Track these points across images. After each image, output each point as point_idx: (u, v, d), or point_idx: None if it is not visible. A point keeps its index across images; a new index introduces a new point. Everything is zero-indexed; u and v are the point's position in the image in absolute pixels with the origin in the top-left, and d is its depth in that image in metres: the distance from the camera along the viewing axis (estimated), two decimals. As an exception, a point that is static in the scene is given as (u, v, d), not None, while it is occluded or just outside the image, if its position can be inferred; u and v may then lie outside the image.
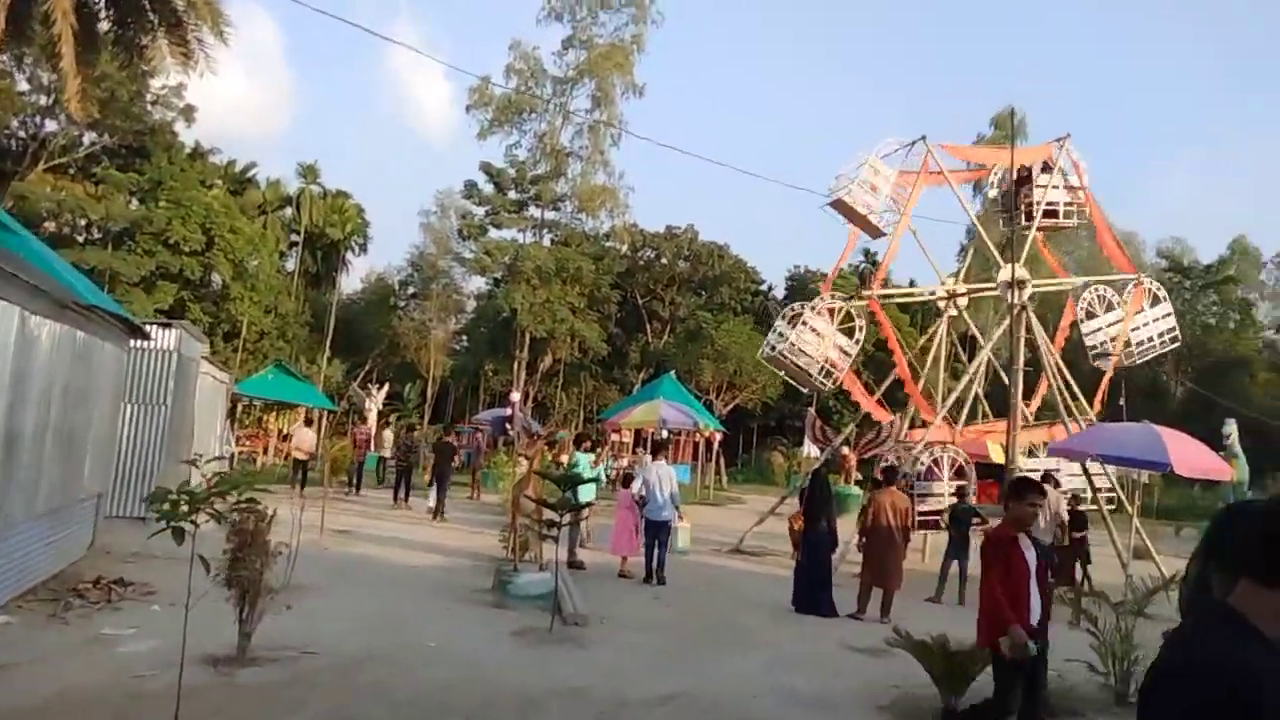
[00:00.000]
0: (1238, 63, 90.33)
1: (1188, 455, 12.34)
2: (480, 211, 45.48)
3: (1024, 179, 16.90)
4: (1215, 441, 23.81)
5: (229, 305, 37.35)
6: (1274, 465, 35.58)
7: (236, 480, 6.12)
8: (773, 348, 16.37)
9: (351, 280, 52.57)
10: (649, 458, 17.72)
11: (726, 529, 18.24)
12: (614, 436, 30.93)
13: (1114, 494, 16.01)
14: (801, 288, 51.58)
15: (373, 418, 32.12)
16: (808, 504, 11.27)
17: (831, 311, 16.37)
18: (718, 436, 31.41)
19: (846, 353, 16.31)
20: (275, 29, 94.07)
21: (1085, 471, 15.45)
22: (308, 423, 23.21)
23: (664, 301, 51.06)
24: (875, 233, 16.85)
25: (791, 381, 17.81)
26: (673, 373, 32.11)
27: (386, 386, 35.40)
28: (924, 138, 16.09)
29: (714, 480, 31.87)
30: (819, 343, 16.13)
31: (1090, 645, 7.98)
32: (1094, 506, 15.20)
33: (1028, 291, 15.45)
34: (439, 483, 18.35)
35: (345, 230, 46.01)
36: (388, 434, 21.76)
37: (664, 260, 51.51)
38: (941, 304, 17.55)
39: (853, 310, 16.65)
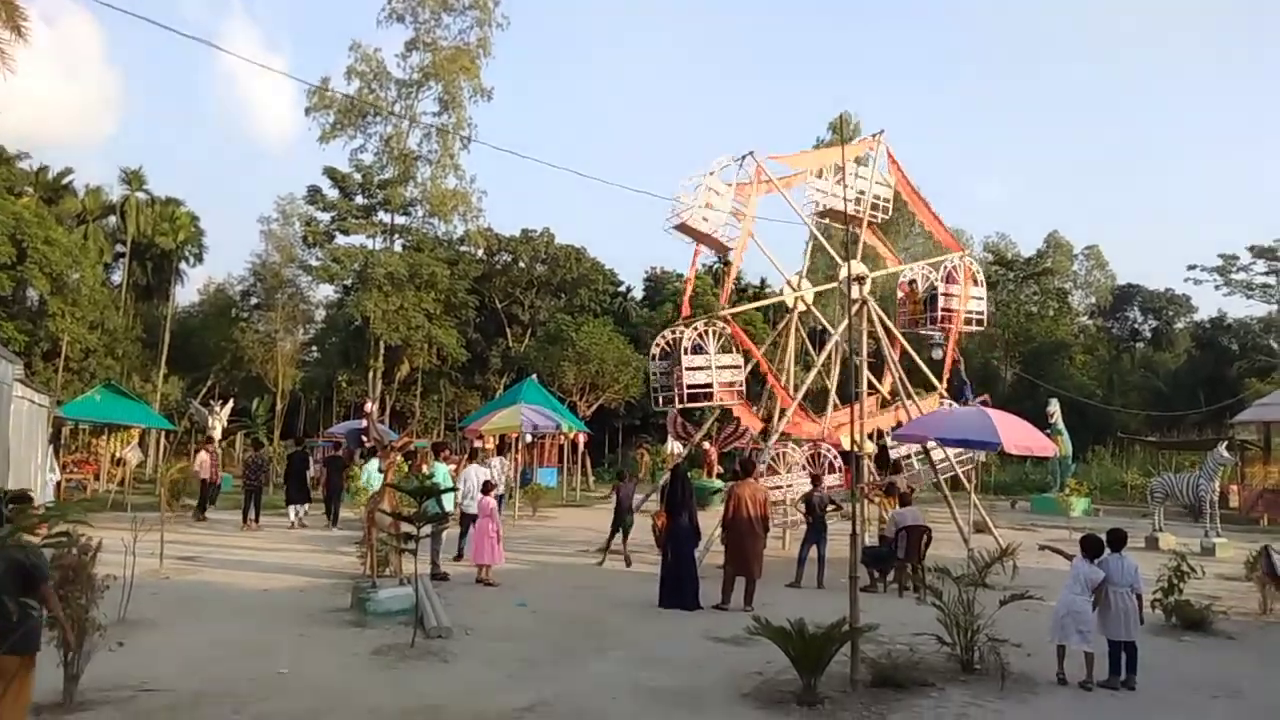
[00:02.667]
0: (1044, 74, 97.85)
1: (1016, 434, 13.22)
2: (325, 217, 43.78)
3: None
4: (1042, 421, 25.74)
5: (47, 322, 34.39)
6: (1094, 440, 38.74)
7: (64, 509, 5.60)
8: (663, 390, 16.35)
9: (187, 292, 49.61)
10: (495, 460, 17.62)
11: (593, 529, 18.23)
12: (478, 443, 30.42)
13: (953, 473, 16.95)
14: (659, 288, 52.32)
15: (217, 436, 30.33)
16: (669, 500, 11.39)
17: (702, 336, 16.39)
18: (583, 438, 31.40)
19: (735, 367, 16.45)
20: (93, 26, 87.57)
21: (927, 453, 16.35)
22: (207, 442, 21.60)
23: (523, 305, 50.64)
24: (723, 249, 17.34)
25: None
26: (534, 376, 31.88)
27: (231, 403, 33.47)
28: (751, 153, 16.38)
29: (580, 481, 31.85)
30: (705, 372, 16.21)
31: (937, 619, 8.41)
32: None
33: (867, 285, 16.17)
34: (332, 495, 19.26)
35: (177, 239, 43.24)
36: (203, 455, 20.50)
37: (521, 264, 51.07)
38: (790, 302, 18.14)
39: (714, 331, 16.77)
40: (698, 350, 15.95)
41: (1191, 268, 52.55)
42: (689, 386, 15.65)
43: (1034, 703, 7.28)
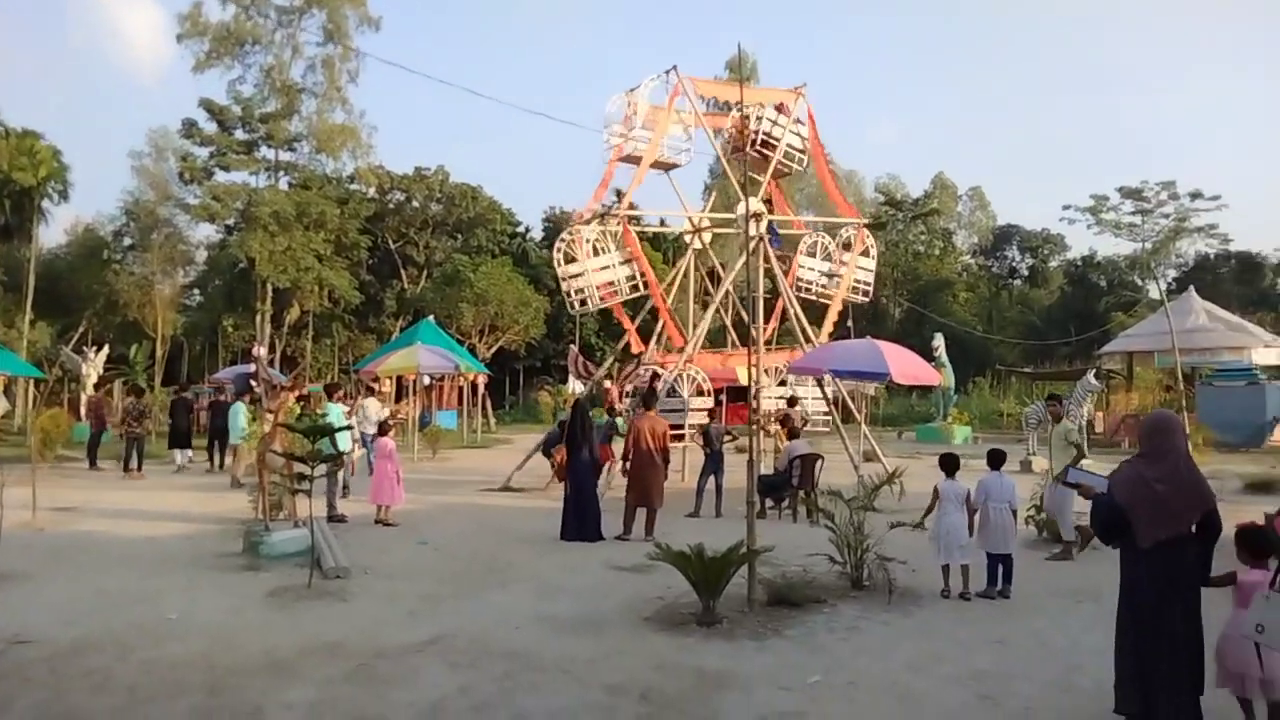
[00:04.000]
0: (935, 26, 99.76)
1: (904, 365, 13.77)
2: (203, 153, 41.42)
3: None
4: (928, 355, 26.84)
5: (-106, 265, 31.71)
6: (975, 372, 40.70)
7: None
8: (578, 292, 16.28)
9: (53, 233, 46.38)
10: (368, 402, 17.33)
11: (494, 470, 18.19)
12: (378, 387, 29.75)
13: (844, 405, 17.55)
14: (558, 229, 51.76)
15: (91, 383, 28.79)
16: (569, 434, 11.44)
17: (601, 237, 16.43)
18: (482, 379, 31.10)
19: (634, 271, 16.68)
20: (-75, -64, 79.08)
21: (821, 386, 16.84)
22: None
23: (418, 246, 49.40)
24: (667, 167, 17.63)
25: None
26: (431, 318, 31.24)
27: (105, 349, 31.69)
28: (675, 67, 16.38)
29: (481, 423, 31.64)
30: (610, 272, 16.34)
31: (829, 540, 8.77)
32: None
33: (764, 224, 16.35)
34: (218, 439, 18.90)
35: (38, 175, 40.20)
36: (96, 401, 19.65)
37: (415, 203, 49.68)
38: (688, 238, 18.22)
39: (610, 242, 16.75)
40: (598, 253, 16.37)
41: (1066, 208, 55.17)
42: (599, 286, 15.92)
43: (918, 614, 7.69)
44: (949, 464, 8.77)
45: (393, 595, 8.22)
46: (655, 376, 15.64)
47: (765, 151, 17.48)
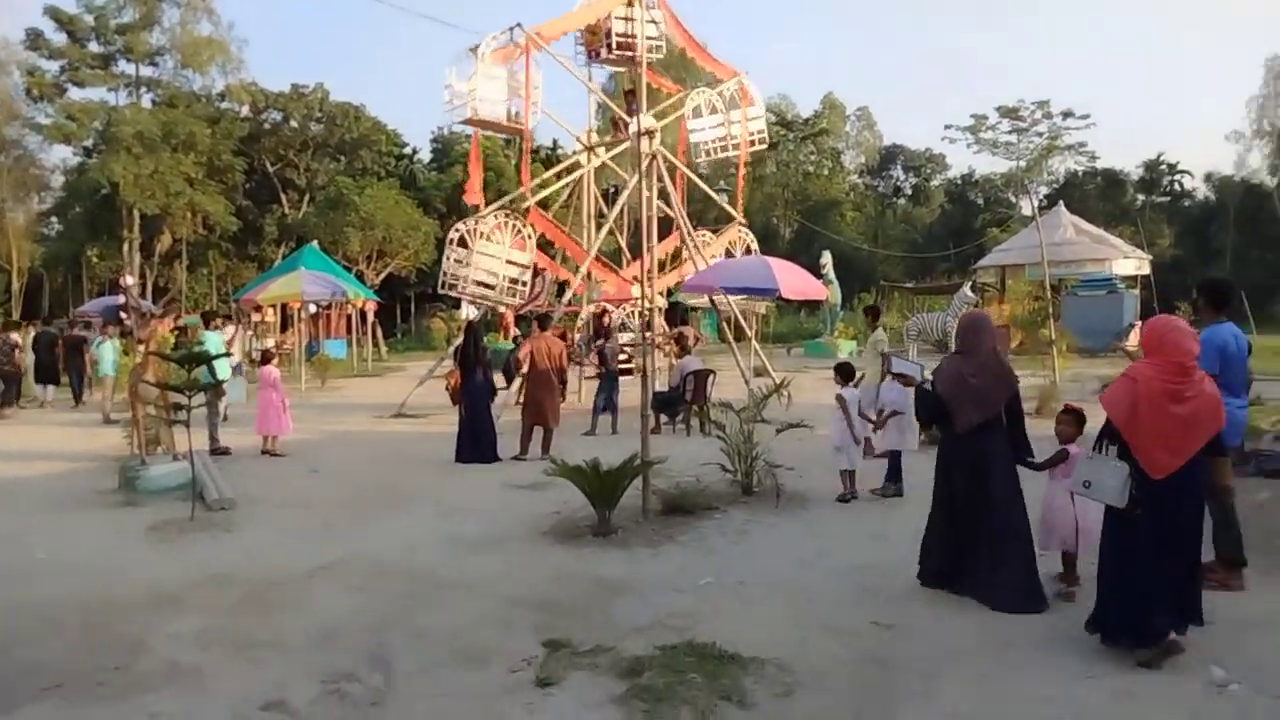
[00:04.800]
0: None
1: (793, 281, 14.05)
2: (53, 67, 38.10)
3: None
4: (816, 272, 27.45)
5: None
6: (861, 288, 41.91)
7: None
8: (452, 278, 15.56)
9: (-119, 157, 42.05)
10: (229, 329, 16.52)
11: (387, 398, 17.86)
12: (257, 316, 28.58)
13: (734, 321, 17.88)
14: (447, 150, 50.05)
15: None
16: (462, 357, 11.29)
17: (499, 229, 15.75)
18: (372, 306, 30.24)
19: (524, 265, 16.01)
20: None
21: (713, 304, 17.07)
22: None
23: (299, 169, 47.11)
24: (515, 131, 16.89)
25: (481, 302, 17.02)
26: (315, 243, 30.00)
27: (-47, 284, 29.37)
28: (519, 24, 15.51)
29: (372, 352, 30.89)
30: (495, 263, 15.64)
31: (720, 449, 9.00)
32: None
33: (656, 141, 16.19)
34: (76, 375, 18.22)
35: None
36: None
37: (293, 123, 47.14)
38: (584, 160, 17.93)
39: (512, 224, 16.12)
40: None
41: (948, 128, 56.80)
42: (475, 282, 15.33)
43: (804, 515, 8.03)
44: (845, 373, 9.02)
45: (284, 524, 8.06)
46: (604, 313, 15.57)
47: (625, 52, 17.07)
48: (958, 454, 5.71)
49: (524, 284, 15.88)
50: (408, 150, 51.24)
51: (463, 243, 15.62)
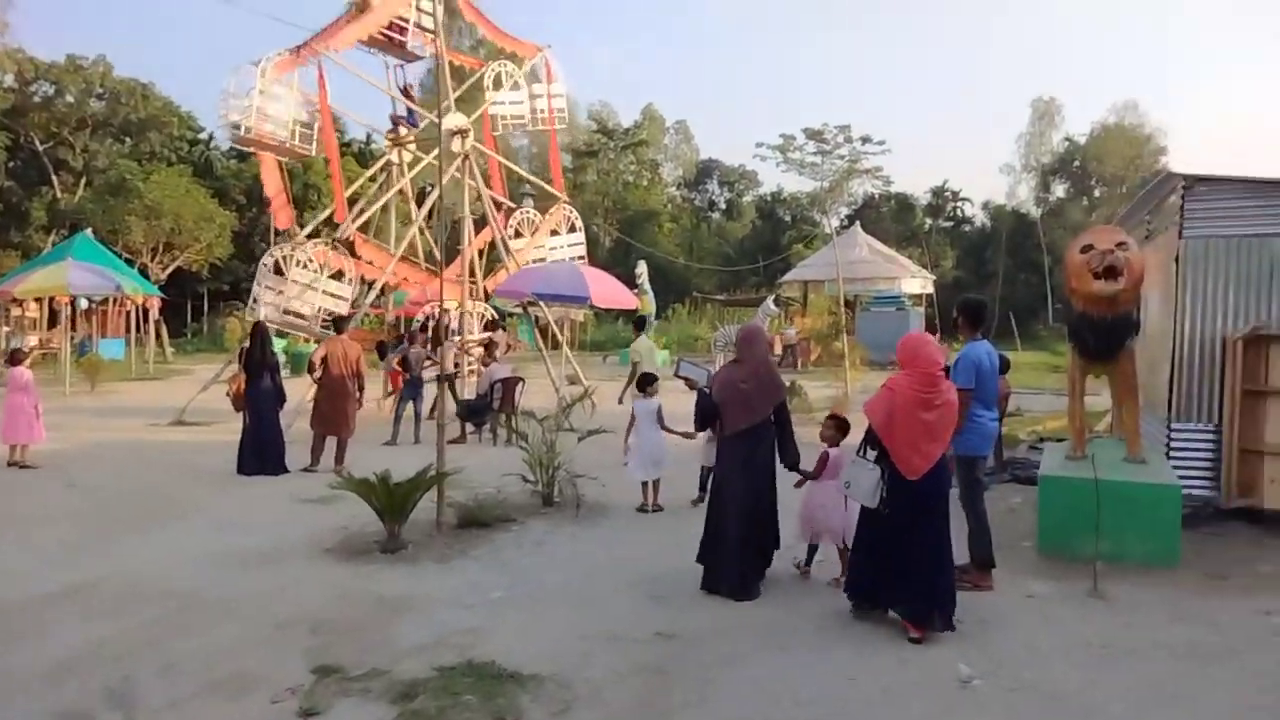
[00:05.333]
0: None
1: (604, 290, 14.17)
2: None
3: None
4: (633, 280, 27.91)
5: None
6: (675, 299, 43.01)
7: None
8: (264, 305, 14.44)
9: None
10: None
11: (167, 403, 16.47)
12: (15, 311, 25.69)
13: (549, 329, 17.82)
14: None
15: None
16: (248, 360, 10.55)
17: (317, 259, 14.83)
18: (156, 303, 27.88)
19: (341, 298, 15.16)
20: None
21: (525, 309, 16.92)
22: None
23: (74, 149, 42.80)
24: (299, 155, 15.90)
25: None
26: (89, 231, 27.28)
27: None
28: (306, 43, 14.77)
29: (155, 353, 28.47)
30: (311, 294, 14.70)
31: (522, 460, 8.88)
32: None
33: (469, 141, 15.88)
34: None
35: None
36: None
37: (69, 98, 42.78)
38: (393, 158, 17.32)
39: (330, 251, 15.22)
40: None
41: (759, 146, 59.43)
42: (286, 311, 14.46)
43: (603, 524, 8.04)
44: (644, 383, 9.13)
45: (27, 543, 7.22)
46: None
47: (396, 35, 16.69)
48: (728, 454, 6.14)
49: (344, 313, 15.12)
50: (204, 135, 47.68)
51: (278, 269, 14.77)
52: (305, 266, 14.71)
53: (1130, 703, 4.38)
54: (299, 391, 11.85)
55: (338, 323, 11.65)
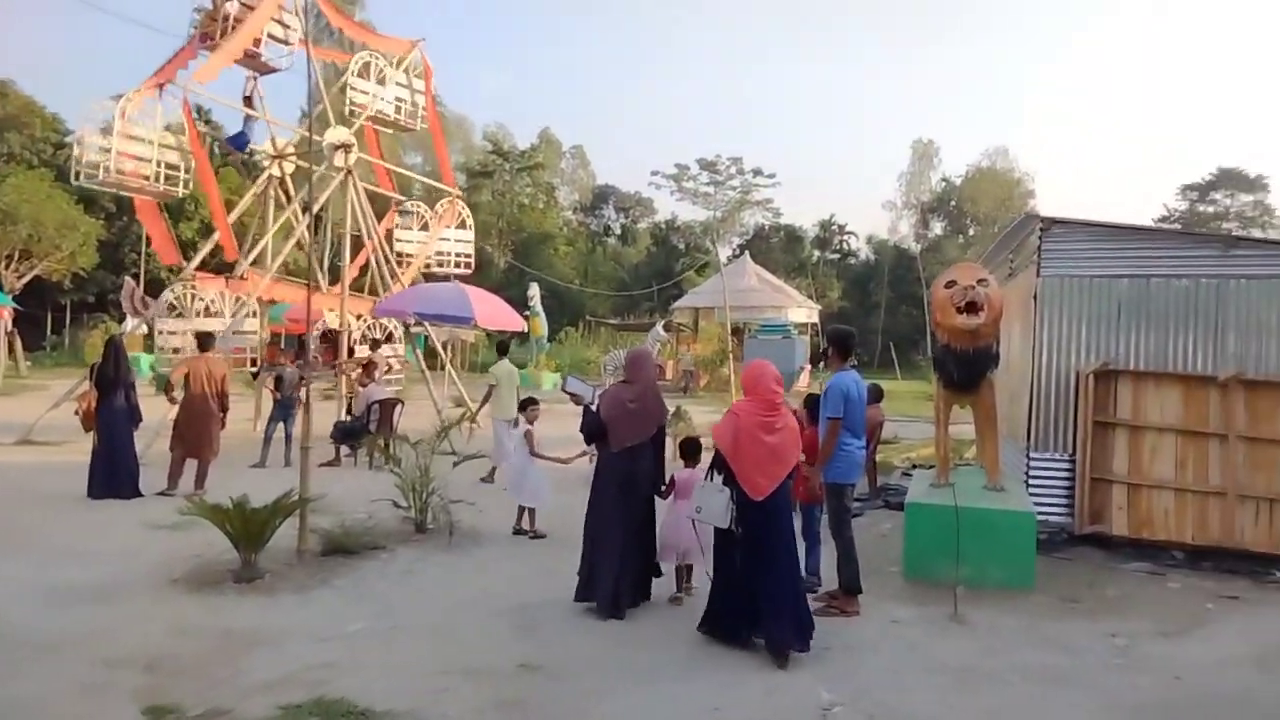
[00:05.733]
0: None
1: (490, 311, 13.92)
2: None
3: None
4: (525, 302, 27.68)
5: None
6: (569, 322, 42.89)
7: None
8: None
9: None
10: None
11: (15, 420, 15.28)
12: None
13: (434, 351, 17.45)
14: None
15: None
16: (99, 376, 9.87)
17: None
18: (9, 314, 26.00)
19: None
20: None
21: (407, 330, 16.51)
22: None
23: (-81, 146, 39.67)
24: (163, 196, 15.11)
25: None
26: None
27: None
28: (170, 81, 14.20)
29: (8, 366, 26.49)
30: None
31: (395, 485, 8.57)
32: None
33: (353, 157, 15.45)
34: None
35: None
36: None
37: (-86, 91, 39.74)
38: (266, 164, 16.67)
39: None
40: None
41: (654, 174, 60.24)
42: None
43: (476, 552, 7.82)
44: (523, 407, 9.00)
45: None
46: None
47: (250, 47, 16.17)
48: (610, 470, 6.23)
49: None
50: (70, 138, 44.94)
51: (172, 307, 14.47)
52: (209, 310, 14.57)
53: (983, 726, 4.48)
54: (161, 410, 11.18)
55: (203, 340, 11.04)
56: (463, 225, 19.03)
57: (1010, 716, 4.61)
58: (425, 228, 18.52)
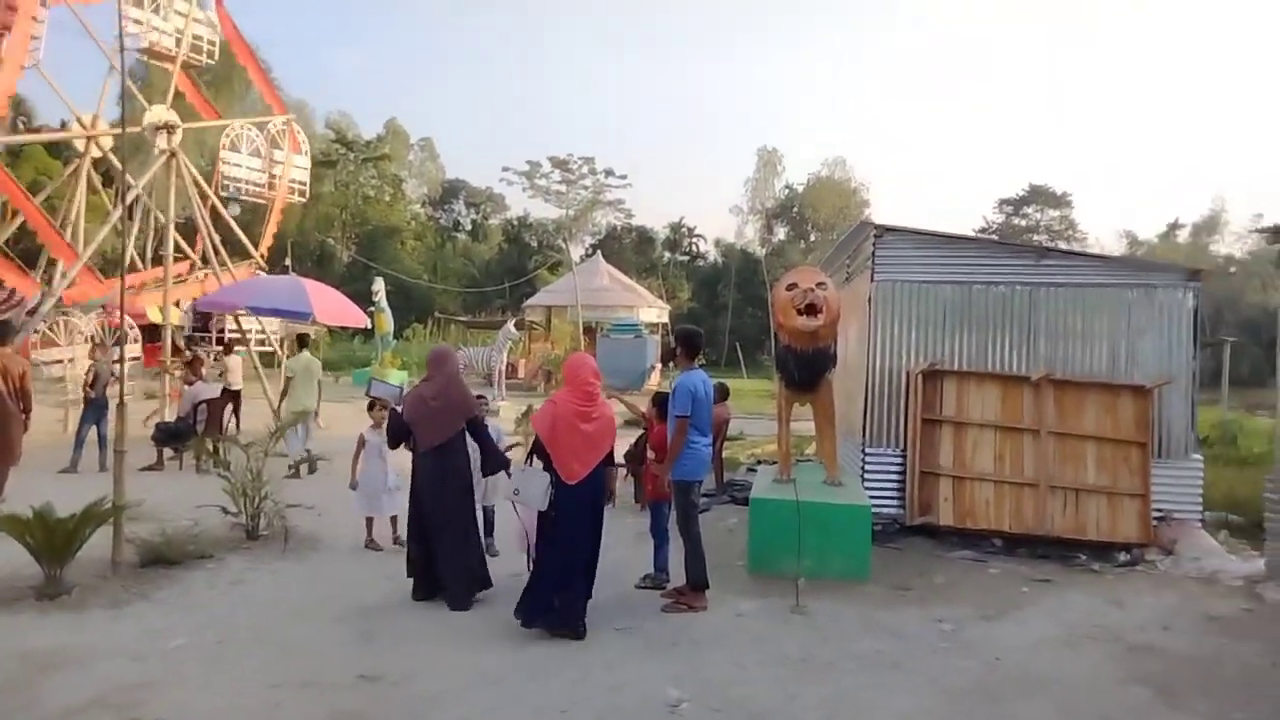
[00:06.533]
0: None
1: (329, 305, 13.34)
2: None
3: None
4: (369, 298, 26.66)
5: None
6: (417, 319, 41.75)
7: None
8: None
9: None
10: None
11: None
12: None
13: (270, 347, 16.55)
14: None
15: None
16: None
17: None
18: None
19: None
20: None
21: (239, 324, 15.58)
22: None
23: None
24: None
25: None
26: None
27: None
28: None
29: None
30: None
31: (223, 490, 8.03)
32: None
33: (178, 136, 14.42)
34: None
35: None
36: None
37: None
38: (80, 144, 15.34)
39: None
40: None
41: (505, 170, 59.45)
42: None
43: (312, 559, 7.45)
44: (371, 406, 8.56)
45: None
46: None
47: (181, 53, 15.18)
48: (424, 470, 6.28)
49: None
50: None
51: None
52: None
53: (824, 714, 4.62)
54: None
55: (1, 332, 9.99)
56: (300, 150, 18.09)
57: (847, 703, 4.79)
58: (258, 154, 17.36)
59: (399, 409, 6.51)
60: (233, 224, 16.29)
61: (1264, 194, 76.50)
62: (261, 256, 17.12)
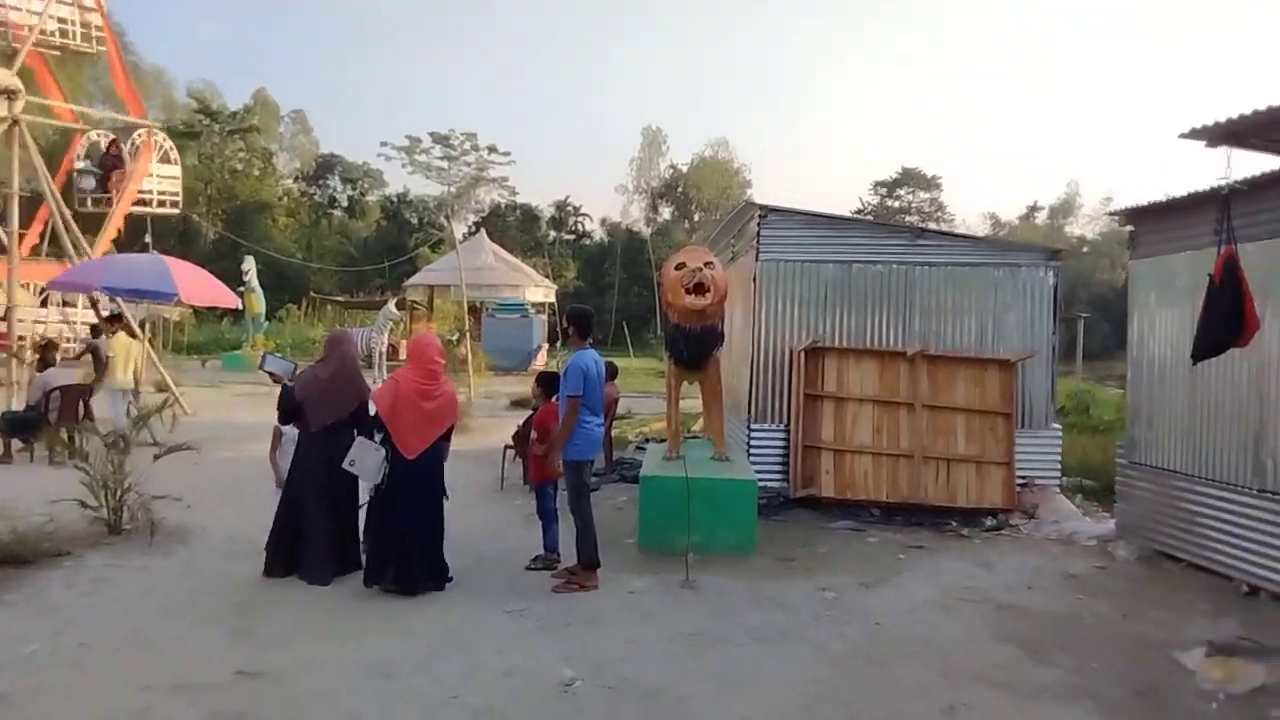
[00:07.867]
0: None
1: (196, 285, 12.62)
2: None
3: None
4: (238, 278, 25.44)
5: None
6: (291, 299, 40.10)
7: None
8: None
9: None
10: None
11: None
12: None
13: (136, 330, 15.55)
14: None
15: None
16: None
17: None
18: None
19: None
20: None
21: (94, 305, 14.58)
22: None
23: None
24: None
25: None
26: None
27: None
28: None
29: None
30: None
31: (81, 482, 7.52)
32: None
33: (20, 104, 13.29)
34: None
35: None
36: None
37: None
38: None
39: None
40: None
41: (384, 145, 57.70)
42: None
43: (181, 553, 7.06)
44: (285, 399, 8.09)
45: None
46: None
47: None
48: (310, 450, 6.29)
49: None
50: None
51: None
52: None
53: (716, 687, 4.70)
54: None
55: None
56: (166, 160, 17.01)
57: (737, 675, 4.89)
58: (118, 161, 16.25)
59: (291, 385, 6.40)
60: (70, 221, 15.07)
61: (1114, 179, 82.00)
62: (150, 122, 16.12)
